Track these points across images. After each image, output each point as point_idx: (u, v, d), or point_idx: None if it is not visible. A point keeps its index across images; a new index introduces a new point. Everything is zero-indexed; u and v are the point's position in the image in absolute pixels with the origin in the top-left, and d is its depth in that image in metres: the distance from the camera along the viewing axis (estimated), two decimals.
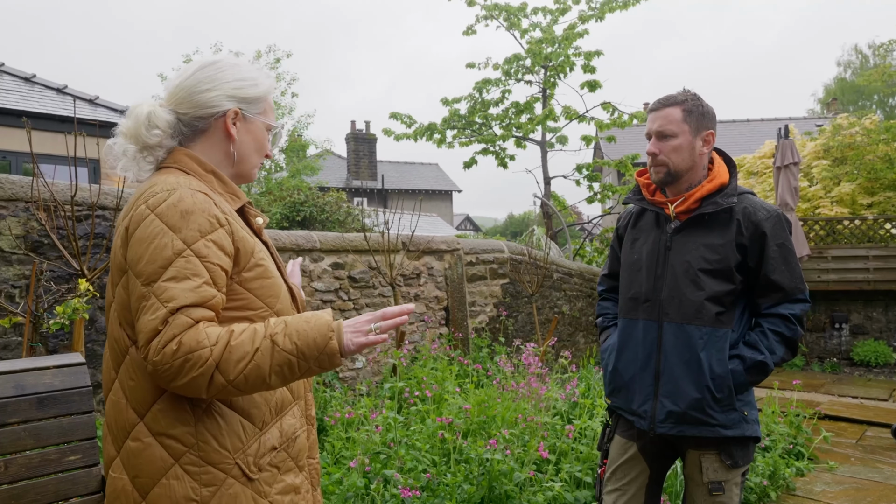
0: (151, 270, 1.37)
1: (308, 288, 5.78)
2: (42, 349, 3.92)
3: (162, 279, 1.36)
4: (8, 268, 3.93)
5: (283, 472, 1.56)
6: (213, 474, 1.44)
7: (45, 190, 3.89)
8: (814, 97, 41.35)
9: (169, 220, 1.40)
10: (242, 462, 1.47)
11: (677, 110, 2.28)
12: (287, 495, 1.56)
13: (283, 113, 20.15)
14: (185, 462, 1.42)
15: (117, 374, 1.49)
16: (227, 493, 1.44)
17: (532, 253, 8.31)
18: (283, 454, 1.57)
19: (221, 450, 1.45)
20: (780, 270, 2.22)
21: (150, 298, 1.35)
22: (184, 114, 1.59)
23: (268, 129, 1.69)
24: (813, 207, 11.60)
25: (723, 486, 2.25)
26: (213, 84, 1.58)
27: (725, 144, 23.47)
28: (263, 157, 1.70)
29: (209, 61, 1.62)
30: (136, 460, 1.43)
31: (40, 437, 2.08)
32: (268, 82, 1.68)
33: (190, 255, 1.38)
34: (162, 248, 1.37)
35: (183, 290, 1.35)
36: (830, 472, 4.99)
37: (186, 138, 1.61)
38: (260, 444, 1.51)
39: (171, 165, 1.57)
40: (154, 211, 1.41)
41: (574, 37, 12.24)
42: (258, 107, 1.65)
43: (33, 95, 11.15)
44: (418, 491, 3.32)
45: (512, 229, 50.87)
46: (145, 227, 1.40)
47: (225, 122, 1.60)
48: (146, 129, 1.54)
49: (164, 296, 1.34)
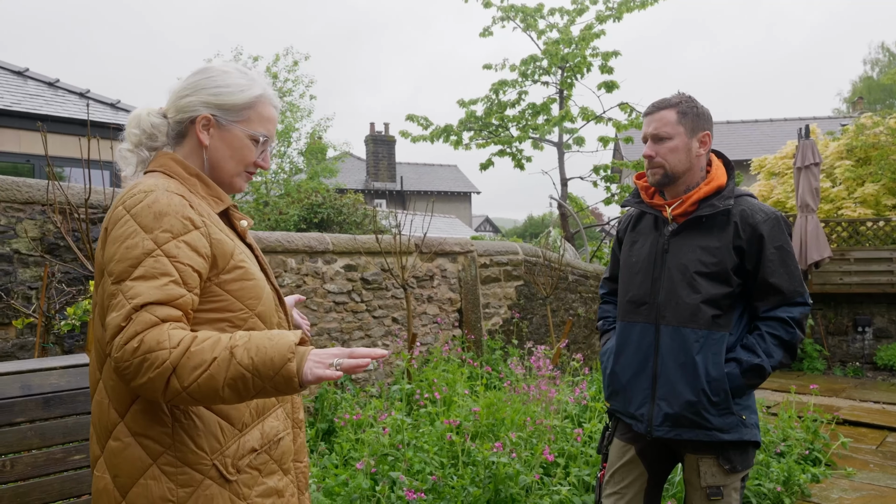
0: (121, 269, 1.37)
1: (321, 290, 5.82)
2: (58, 349, 3.99)
3: (130, 278, 1.36)
4: (25, 269, 4.00)
5: (265, 475, 1.55)
6: (190, 475, 1.44)
7: (60, 193, 3.95)
8: (839, 96, 40.75)
9: (142, 221, 1.41)
10: (220, 463, 1.46)
11: (672, 112, 2.28)
12: (269, 498, 1.55)
13: (302, 116, 20.24)
14: (162, 462, 1.43)
15: (101, 374, 1.51)
16: (203, 494, 1.44)
17: (546, 255, 8.29)
18: (265, 456, 1.56)
19: (198, 451, 1.45)
20: (779, 273, 2.21)
21: (117, 296, 1.35)
22: (170, 118, 1.62)
23: (253, 139, 1.64)
24: (836, 209, 11.44)
25: (721, 490, 2.23)
26: (193, 89, 1.60)
27: (748, 145, 23.28)
28: (246, 166, 1.66)
29: (201, 69, 1.64)
30: (117, 459, 1.44)
31: (46, 436, 2.12)
32: (256, 92, 1.64)
33: (159, 254, 1.38)
34: (132, 247, 1.38)
35: (148, 287, 1.35)
36: (848, 479, 4.92)
37: (173, 142, 1.64)
38: (239, 445, 1.50)
39: (155, 169, 1.59)
40: (129, 212, 1.43)
41: (591, 37, 12.19)
42: (239, 115, 1.61)
43: (56, 100, 11.31)
44: (424, 493, 3.33)
45: (532, 230, 50.72)
46: (119, 227, 1.42)
47: (196, 128, 1.60)
48: (130, 128, 1.61)
49: (129, 293, 1.34)
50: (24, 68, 11.65)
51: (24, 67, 11.61)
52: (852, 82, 38.74)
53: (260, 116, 1.65)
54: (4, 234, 3.95)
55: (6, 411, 2.03)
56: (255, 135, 1.64)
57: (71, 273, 4.09)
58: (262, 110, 1.65)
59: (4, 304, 3.82)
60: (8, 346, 3.88)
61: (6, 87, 10.64)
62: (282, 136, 19.49)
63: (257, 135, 1.64)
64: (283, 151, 19.89)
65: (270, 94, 1.68)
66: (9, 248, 3.95)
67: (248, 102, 1.62)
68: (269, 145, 1.69)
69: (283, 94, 19.79)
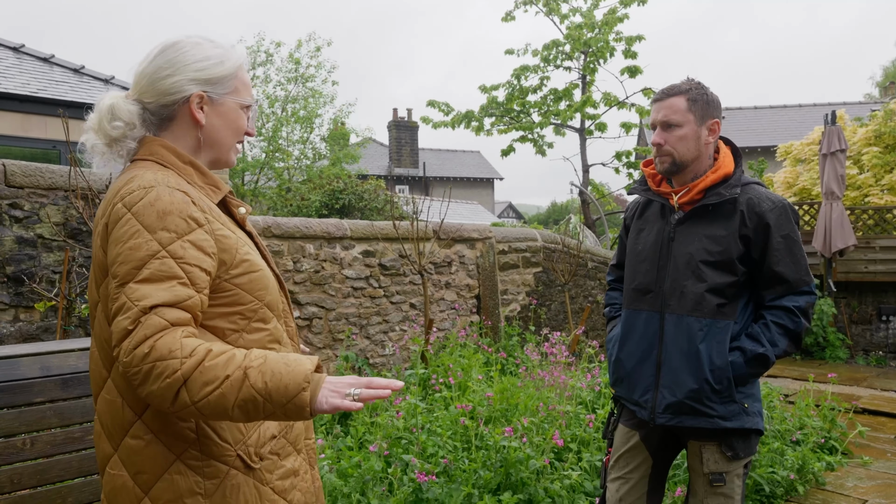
0: (125, 271, 1.33)
1: (339, 275, 5.88)
2: (81, 332, 4.09)
3: (135, 280, 1.32)
4: (49, 254, 4.10)
5: (283, 458, 1.57)
6: (216, 467, 1.44)
7: (82, 179, 4.04)
8: (871, 80, 39.82)
9: (145, 220, 1.36)
10: (244, 453, 1.47)
11: (681, 100, 2.26)
12: (287, 479, 1.57)
13: (325, 102, 20.31)
14: (186, 457, 1.42)
15: (109, 373, 1.48)
16: (229, 484, 1.45)
17: (566, 241, 8.28)
18: (283, 441, 1.58)
19: (222, 443, 1.45)
20: (785, 262, 2.20)
21: (122, 299, 1.31)
22: (149, 102, 1.52)
23: (243, 108, 1.61)
24: (862, 196, 11.26)
25: (724, 477, 2.25)
26: (173, 69, 1.51)
27: (775, 130, 22.93)
28: (238, 137, 1.63)
29: (169, 43, 1.54)
30: (137, 457, 1.42)
31: (64, 415, 2.19)
32: (235, 58, 1.58)
33: (165, 256, 1.34)
34: (136, 248, 1.34)
35: (155, 289, 1.31)
36: (864, 468, 4.89)
37: (157, 127, 1.55)
38: (259, 433, 1.52)
39: (147, 157, 1.51)
40: (130, 210, 1.37)
41: (614, 21, 12.10)
42: (227, 86, 1.56)
43: (81, 86, 11.46)
44: (435, 476, 3.38)
45: (555, 217, 50.51)
46: (121, 227, 1.36)
47: (190, 108, 1.53)
48: (108, 122, 1.49)
49: (134, 295, 1.30)
50: (50, 55, 11.81)
51: (50, 54, 11.77)
52: (884, 67, 37.90)
53: (243, 83, 1.61)
54: (28, 220, 4.05)
55: (26, 391, 2.10)
56: (245, 102, 1.61)
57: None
58: (243, 77, 1.61)
59: (28, 288, 3.92)
60: (32, 329, 3.99)
61: (32, 73, 10.81)
62: (304, 122, 19.58)
63: (247, 102, 1.62)
64: (306, 137, 19.99)
65: (245, 59, 1.64)
66: (32, 232, 4.05)
67: (231, 71, 1.57)
68: (252, 110, 1.66)
69: (305, 80, 19.86)
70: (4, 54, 11.03)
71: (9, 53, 11.20)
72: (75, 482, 2.18)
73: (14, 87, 9.78)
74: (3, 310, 3.93)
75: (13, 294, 3.95)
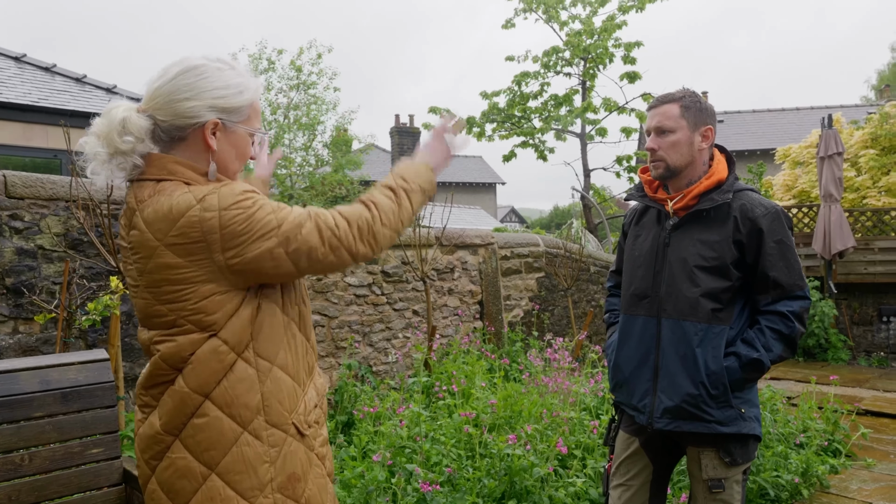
0: (255, 233, 1.48)
1: (342, 283, 5.88)
2: (81, 344, 4.08)
3: (278, 221, 1.49)
4: (49, 265, 4.10)
5: (321, 427, 1.68)
6: (278, 435, 1.54)
7: (83, 190, 4.03)
8: (867, 83, 39.79)
9: (238, 203, 1.47)
10: (297, 421, 1.58)
11: (675, 107, 2.30)
12: (325, 447, 1.69)
13: (328, 109, 20.33)
14: (254, 428, 1.51)
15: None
16: (289, 451, 1.56)
17: (568, 246, 8.28)
18: (319, 410, 1.69)
19: (284, 412, 1.55)
20: (779, 267, 2.21)
21: (277, 233, 1.48)
22: (162, 120, 1.54)
23: (251, 136, 1.65)
24: (860, 198, 11.27)
25: (722, 483, 2.24)
26: (193, 92, 1.53)
27: (774, 134, 22.95)
28: (244, 163, 1.69)
29: (191, 66, 1.55)
30: (203, 435, 1.50)
31: (64, 430, 2.18)
32: (253, 88, 1.63)
33: (268, 211, 1.49)
34: (249, 218, 1.47)
35: (290, 213, 1.51)
36: (868, 470, 4.87)
37: (165, 144, 1.57)
38: (305, 403, 1.62)
39: (168, 178, 1.52)
40: (224, 209, 1.46)
41: (613, 28, 12.13)
42: (241, 115, 1.60)
43: (84, 95, 11.48)
44: (439, 485, 3.36)
45: (557, 221, 50.52)
46: (228, 220, 1.46)
47: (204, 134, 1.55)
48: (118, 134, 1.49)
49: (290, 216, 1.50)
50: (52, 64, 11.84)
51: (52, 63, 11.80)
52: (878, 70, 37.88)
53: (256, 112, 1.65)
54: (29, 231, 4.04)
55: (25, 406, 2.09)
56: (256, 131, 1.66)
57: (94, 268, 4.18)
58: (256, 106, 1.66)
59: (28, 300, 3.92)
60: (32, 341, 3.98)
61: (34, 82, 10.83)
62: (307, 129, 19.60)
63: (258, 131, 1.67)
64: (309, 144, 20.01)
65: (260, 87, 1.68)
66: (33, 243, 4.05)
67: (248, 101, 1.61)
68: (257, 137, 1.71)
69: (307, 87, 19.89)
70: (6, 64, 11.06)
71: (10, 63, 11.22)
72: (74, 498, 2.16)
73: (15, 97, 9.80)
74: (3, 322, 3.92)
75: (12, 306, 3.94)
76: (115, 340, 3.71)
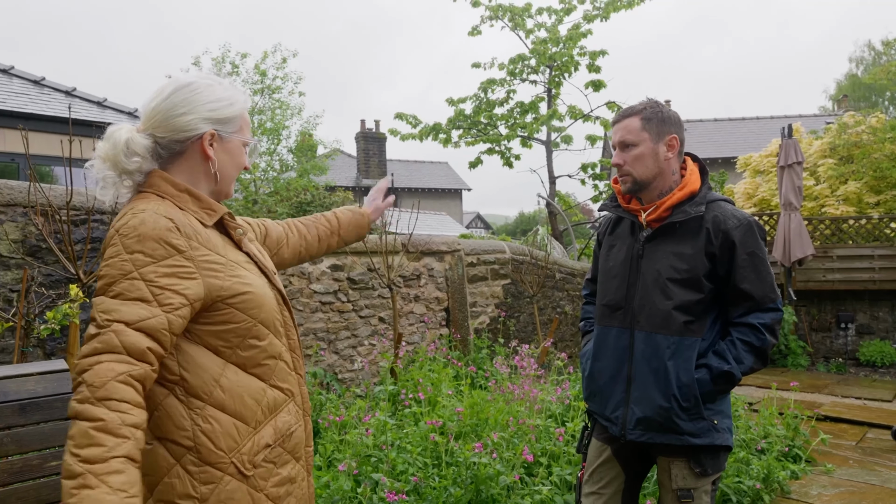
0: (100, 286, 1.45)
1: (307, 290, 5.83)
2: (39, 353, 3.99)
3: (105, 294, 1.44)
4: (6, 272, 3.99)
5: (280, 466, 1.65)
6: (211, 473, 1.53)
7: (42, 195, 3.94)
8: (825, 94, 40.81)
9: (125, 242, 1.47)
10: (238, 461, 1.56)
11: (636, 120, 2.29)
12: (283, 487, 1.65)
13: (293, 113, 20.16)
14: (185, 462, 1.52)
15: None
16: (224, 490, 1.53)
17: (534, 253, 8.32)
18: (279, 450, 1.66)
19: (217, 451, 1.53)
20: (751, 279, 2.22)
21: (92, 310, 1.44)
22: (161, 137, 1.62)
23: (244, 145, 1.75)
24: (819, 206, 11.53)
25: (692, 493, 2.26)
26: (189, 107, 1.62)
27: (735, 142, 23.37)
28: (239, 172, 1.77)
29: (184, 83, 1.65)
30: (146, 460, 1.50)
31: (22, 442, 2.13)
32: (242, 100, 1.73)
33: (136, 277, 1.45)
34: (113, 266, 1.46)
35: (120, 306, 1.42)
36: (827, 475, 4.97)
37: (164, 160, 1.65)
38: (254, 442, 1.59)
39: (147, 190, 1.61)
40: (118, 233, 1.50)
41: (578, 36, 12.24)
42: (234, 125, 1.70)
43: (42, 98, 11.25)
44: (405, 494, 3.35)
45: (523, 227, 50.82)
46: (110, 249, 1.49)
47: (202, 145, 1.64)
48: (125, 155, 1.58)
49: (101, 307, 1.42)
50: (10, 66, 11.57)
51: (10, 65, 11.54)
52: (837, 81, 38.86)
53: (246, 123, 1.75)
54: None
55: None
56: (248, 140, 1.75)
57: (52, 276, 4.08)
58: (246, 117, 1.75)
59: None
60: None
61: None
62: (271, 134, 19.41)
63: (249, 140, 1.76)
64: (273, 149, 19.81)
65: (248, 100, 1.78)
66: None
67: (239, 112, 1.71)
68: (248, 147, 1.79)
69: (272, 92, 19.71)
70: None
71: None
72: None
73: None
74: None
75: None
76: (75, 350, 3.62)
